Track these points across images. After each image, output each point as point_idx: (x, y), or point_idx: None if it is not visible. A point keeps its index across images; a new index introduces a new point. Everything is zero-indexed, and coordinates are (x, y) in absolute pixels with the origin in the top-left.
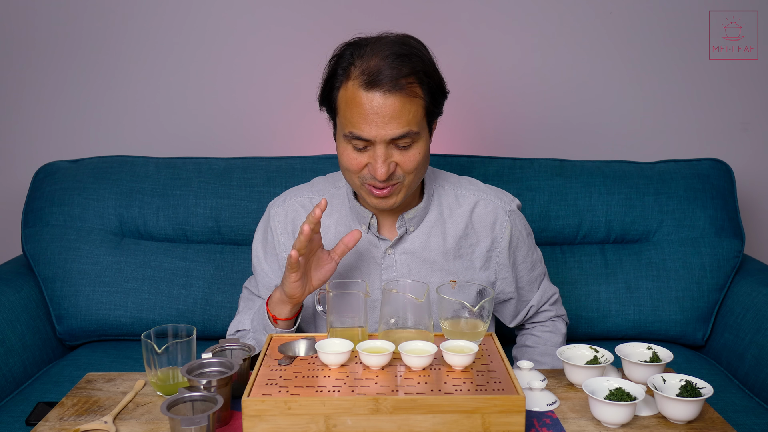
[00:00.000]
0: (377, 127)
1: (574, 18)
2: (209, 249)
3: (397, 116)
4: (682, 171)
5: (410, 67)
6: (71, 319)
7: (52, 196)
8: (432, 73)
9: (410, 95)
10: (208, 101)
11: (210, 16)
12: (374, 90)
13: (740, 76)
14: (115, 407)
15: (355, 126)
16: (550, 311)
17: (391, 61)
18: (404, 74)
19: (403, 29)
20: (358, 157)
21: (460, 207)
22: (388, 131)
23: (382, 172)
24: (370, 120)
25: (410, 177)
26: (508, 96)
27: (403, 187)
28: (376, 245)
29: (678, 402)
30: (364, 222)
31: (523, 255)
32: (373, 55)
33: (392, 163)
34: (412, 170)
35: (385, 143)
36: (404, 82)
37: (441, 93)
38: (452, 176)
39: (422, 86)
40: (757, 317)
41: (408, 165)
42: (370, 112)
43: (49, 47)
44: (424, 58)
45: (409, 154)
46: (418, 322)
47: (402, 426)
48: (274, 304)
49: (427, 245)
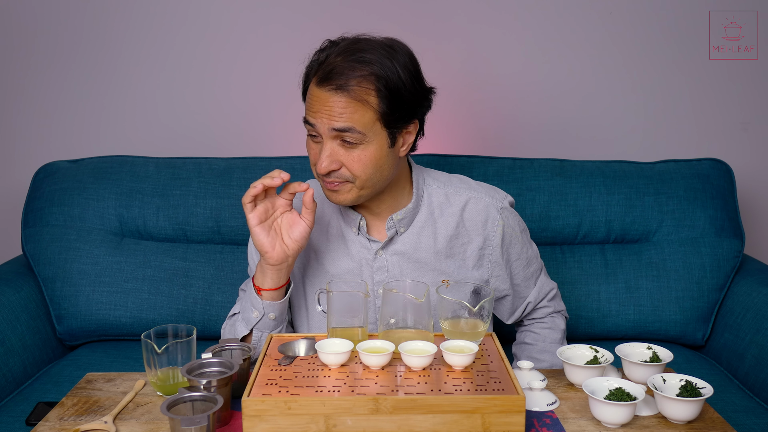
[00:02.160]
0: (321, 117)
1: (574, 18)
2: (209, 249)
3: (341, 113)
4: (682, 171)
5: (366, 71)
6: (71, 319)
7: (52, 196)
8: (394, 82)
9: (357, 99)
10: (208, 101)
11: (210, 16)
12: (324, 85)
13: (740, 76)
14: (115, 407)
15: (307, 112)
16: (548, 307)
17: (348, 63)
18: (355, 77)
19: (403, 29)
20: (314, 148)
21: (451, 206)
22: (331, 122)
23: (322, 165)
24: (316, 109)
25: (360, 180)
26: (508, 96)
27: (354, 188)
28: (367, 247)
29: (678, 402)
30: (354, 224)
31: (517, 252)
32: (338, 54)
33: (337, 161)
34: (360, 172)
35: (331, 138)
36: (354, 83)
37: (407, 103)
38: (443, 175)
39: (377, 93)
40: (757, 317)
41: (353, 166)
42: (318, 103)
43: (49, 47)
44: (387, 66)
45: (355, 154)
46: (418, 322)
47: (402, 426)
48: (257, 275)
49: (418, 246)
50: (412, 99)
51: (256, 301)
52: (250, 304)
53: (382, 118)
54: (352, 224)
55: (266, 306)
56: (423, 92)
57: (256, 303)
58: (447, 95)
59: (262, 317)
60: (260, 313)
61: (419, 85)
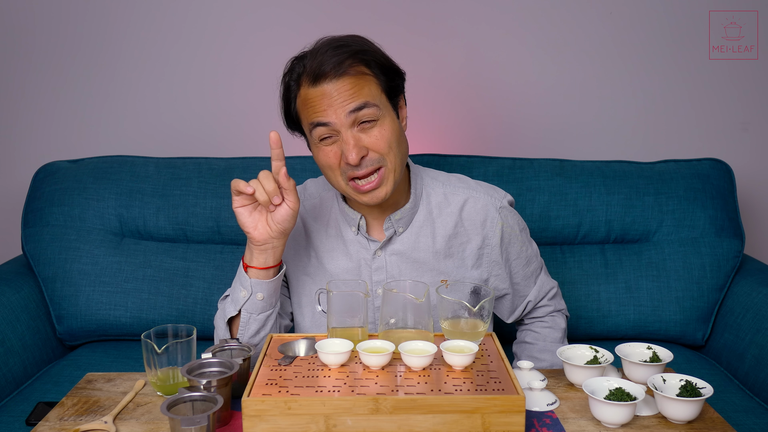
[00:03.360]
0: (333, 110)
1: (574, 18)
2: (209, 249)
3: (350, 94)
4: (682, 171)
5: (349, 51)
6: (71, 319)
7: (52, 196)
8: (374, 52)
9: (358, 74)
10: (208, 101)
11: (210, 16)
12: (321, 82)
13: (740, 76)
14: (115, 407)
15: (313, 116)
16: (548, 306)
17: (330, 54)
18: (345, 58)
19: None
20: (331, 151)
21: (450, 205)
22: (345, 107)
23: (353, 155)
24: (325, 106)
25: (390, 158)
26: (508, 96)
27: (388, 171)
28: (366, 247)
29: (678, 402)
30: (353, 224)
31: (516, 251)
32: (313, 57)
33: (363, 147)
34: (386, 150)
35: (349, 126)
36: (347, 64)
37: (393, 71)
38: (441, 174)
39: (368, 66)
40: (757, 317)
41: (379, 145)
42: (324, 99)
43: (50, 47)
44: (362, 43)
45: (376, 132)
46: (418, 322)
47: (402, 426)
48: (246, 252)
49: (417, 246)
50: (395, 69)
51: (244, 280)
52: (239, 283)
53: (385, 89)
54: (352, 224)
55: (254, 284)
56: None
57: (244, 281)
58: (447, 95)
59: (250, 296)
60: (248, 293)
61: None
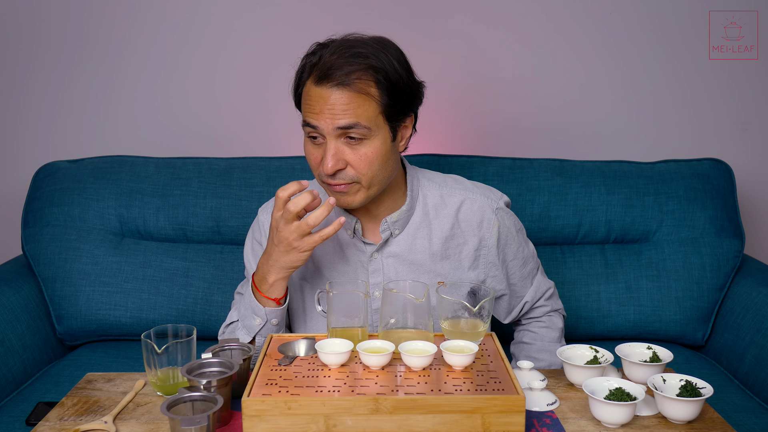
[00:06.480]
0: (324, 117)
1: (574, 18)
2: (209, 249)
3: (345, 109)
4: (682, 171)
5: (364, 64)
6: (71, 319)
7: (52, 196)
8: (392, 74)
9: (360, 91)
10: (208, 101)
11: (210, 16)
12: (324, 83)
13: (740, 76)
14: (115, 407)
15: (307, 114)
16: (545, 306)
17: (345, 59)
18: (355, 70)
19: (402, 28)
20: (314, 151)
21: (446, 207)
22: (335, 121)
23: (328, 165)
24: (318, 109)
25: (366, 178)
26: (508, 96)
27: (362, 188)
28: (362, 249)
29: (678, 402)
30: (349, 227)
31: (513, 252)
32: (333, 52)
33: (342, 160)
34: (365, 170)
35: (336, 137)
36: (354, 77)
37: (405, 96)
38: (437, 176)
39: (377, 84)
40: (757, 317)
41: (359, 164)
42: (320, 102)
43: (49, 47)
44: (383, 59)
45: (361, 151)
46: (418, 322)
47: (402, 426)
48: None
49: (413, 248)
50: (409, 91)
51: (258, 309)
52: (251, 311)
53: (385, 111)
54: (347, 227)
55: (269, 312)
56: (416, 85)
57: (258, 310)
58: (447, 95)
59: (265, 323)
60: (263, 320)
61: (412, 78)
